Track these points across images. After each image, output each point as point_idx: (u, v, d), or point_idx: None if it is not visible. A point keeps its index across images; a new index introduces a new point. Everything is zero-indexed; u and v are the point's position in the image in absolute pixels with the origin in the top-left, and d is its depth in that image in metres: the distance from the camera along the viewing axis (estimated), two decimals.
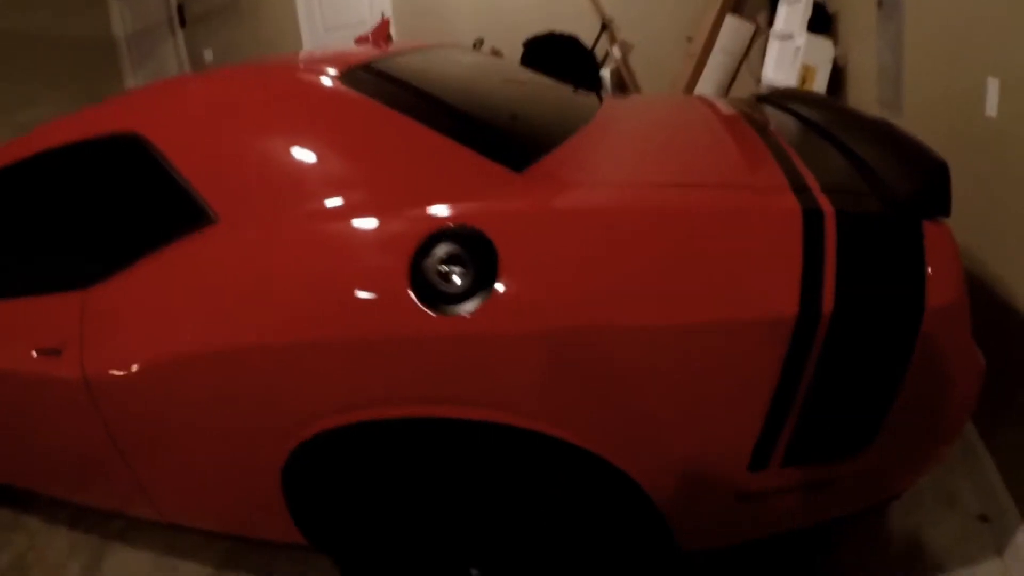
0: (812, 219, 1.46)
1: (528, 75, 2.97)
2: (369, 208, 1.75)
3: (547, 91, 2.72)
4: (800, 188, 1.55)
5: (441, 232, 1.62)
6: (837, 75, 4.67)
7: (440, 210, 1.67)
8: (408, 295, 1.61)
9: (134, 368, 2.07)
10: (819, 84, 4.55)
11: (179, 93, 2.34)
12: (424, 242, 1.62)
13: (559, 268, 1.55)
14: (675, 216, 1.54)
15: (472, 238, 1.59)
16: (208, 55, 8.22)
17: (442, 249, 1.60)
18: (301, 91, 2.07)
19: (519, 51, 6.16)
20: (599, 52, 6.06)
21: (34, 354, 2.33)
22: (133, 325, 2.09)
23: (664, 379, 1.53)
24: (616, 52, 5.94)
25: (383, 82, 2.07)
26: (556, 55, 6.00)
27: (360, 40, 2.73)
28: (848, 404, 1.54)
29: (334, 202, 1.81)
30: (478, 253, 1.58)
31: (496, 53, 6.12)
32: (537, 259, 1.56)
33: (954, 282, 1.48)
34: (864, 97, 4.15)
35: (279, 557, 2.70)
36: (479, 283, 1.56)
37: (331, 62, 2.19)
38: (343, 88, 2.01)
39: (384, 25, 2.81)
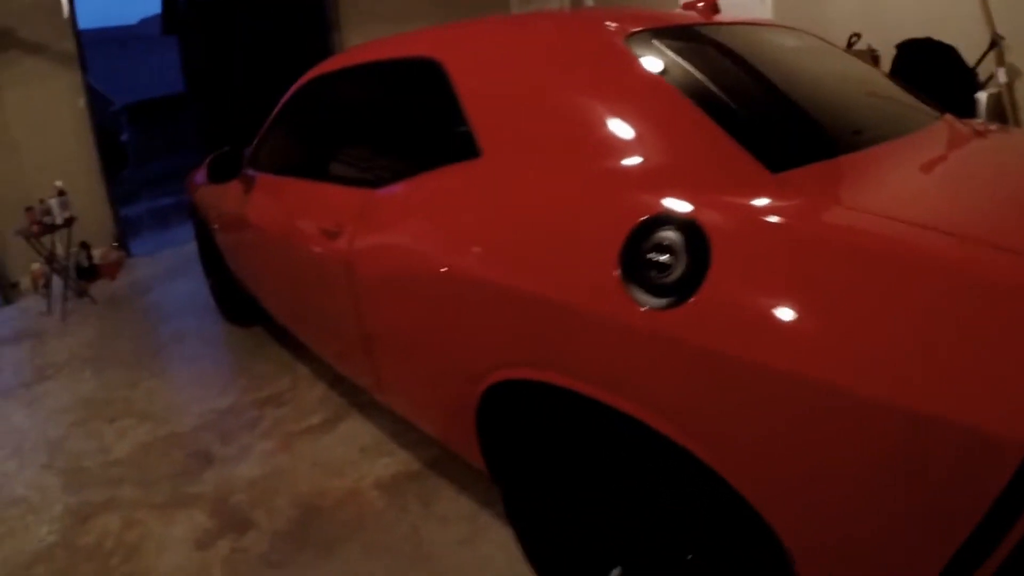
0: None
1: (858, 72, 2.56)
2: (607, 177, 1.66)
3: (864, 92, 2.35)
4: None
5: (663, 216, 1.46)
6: None
7: (672, 194, 1.50)
8: (614, 271, 1.48)
9: (383, 264, 2.27)
10: None
11: (485, 31, 2.42)
12: (644, 223, 1.48)
13: (767, 291, 1.31)
14: (923, 269, 1.22)
15: (691, 232, 1.41)
16: (590, 0, 8.16)
17: (661, 235, 1.44)
18: (581, 47, 2.02)
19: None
20: (982, 72, 5.26)
21: (318, 230, 2.62)
22: (391, 228, 2.28)
23: (846, 454, 1.22)
24: (1001, 75, 5.07)
25: (669, 50, 1.92)
26: (929, 64, 5.36)
27: (687, 5, 2.65)
28: None
29: (584, 162, 1.73)
30: (693, 250, 1.39)
31: (872, 52, 5.62)
32: (747, 274, 1.34)
33: None
34: None
35: (479, 480, 2.65)
36: (685, 281, 1.38)
37: (630, 21, 2.07)
38: (623, 50, 1.90)
39: None
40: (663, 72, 1.81)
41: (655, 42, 1.95)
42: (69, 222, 5.60)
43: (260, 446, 3.16)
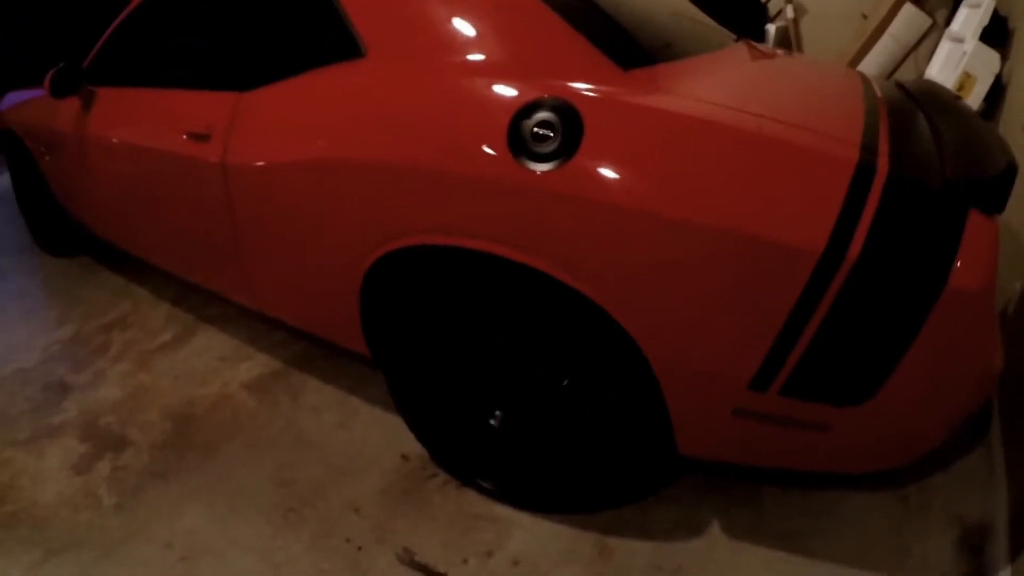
0: (863, 173, 1.55)
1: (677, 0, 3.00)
2: (492, 70, 1.94)
3: (683, 16, 2.76)
4: (868, 147, 1.62)
5: (543, 100, 1.79)
6: (998, 90, 4.54)
7: (548, 83, 1.83)
8: (503, 145, 1.79)
9: (265, 162, 2.34)
10: (976, 94, 4.40)
11: None
12: (527, 105, 1.81)
13: (630, 154, 1.69)
14: (742, 136, 1.64)
15: (566, 112, 1.75)
16: None
17: (540, 115, 1.78)
18: None
19: None
20: (772, 7, 6.03)
21: (184, 136, 2.62)
22: (273, 127, 2.35)
23: (693, 272, 1.64)
24: (789, 11, 5.83)
25: None
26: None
27: None
28: (853, 352, 1.61)
29: (465, 58, 1.99)
30: (568, 125, 1.74)
31: None
32: (613, 142, 1.71)
33: (983, 273, 1.52)
34: (1016, 118, 4.04)
35: (341, 371, 2.95)
36: (562, 150, 1.72)
37: None
38: None
39: None
40: None
41: None
42: None
43: (116, 369, 3.19)
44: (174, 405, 2.86)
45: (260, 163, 2.36)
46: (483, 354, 2.13)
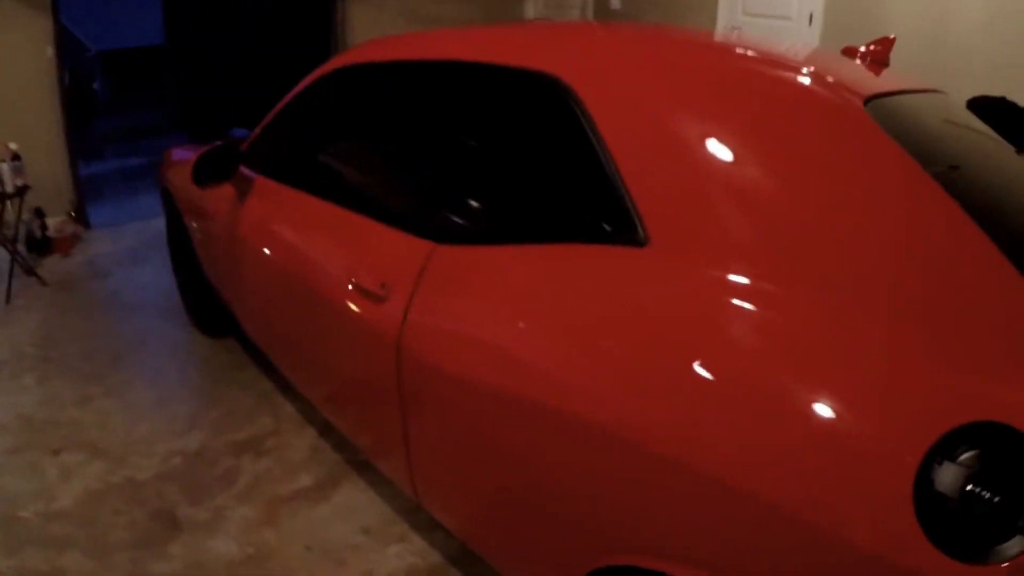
0: None
1: None
2: (878, 328, 1.11)
3: None
4: None
5: (971, 428, 0.96)
6: None
7: (993, 388, 0.99)
8: (900, 506, 0.96)
9: (452, 361, 1.66)
10: None
11: (641, 53, 1.75)
12: (955, 433, 0.97)
13: None
14: None
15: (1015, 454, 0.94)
16: (615, 2, 7.16)
17: (966, 456, 0.95)
18: (807, 104, 1.42)
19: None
20: None
21: (350, 286, 1.98)
22: (483, 317, 1.64)
23: None
24: None
25: (918, 132, 1.36)
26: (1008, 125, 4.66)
27: (848, 51, 2.05)
28: None
29: (831, 293, 1.17)
30: (1016, 478, 0.93)
31: None
32: None
33: None
34: None
35: None
36: (996, 522, 0.92)
37: (835, 74, 1.52)
38: (872, 127, 1.31)
39: (888, 43, 2.07)
40: (940, 178, 1.22)
41: (902, 117, 1.39)
42: (22, 191, 4.94)
43: (239, 512, 2.60)
44: None
45: (454, 362, 1.66)
46: None
